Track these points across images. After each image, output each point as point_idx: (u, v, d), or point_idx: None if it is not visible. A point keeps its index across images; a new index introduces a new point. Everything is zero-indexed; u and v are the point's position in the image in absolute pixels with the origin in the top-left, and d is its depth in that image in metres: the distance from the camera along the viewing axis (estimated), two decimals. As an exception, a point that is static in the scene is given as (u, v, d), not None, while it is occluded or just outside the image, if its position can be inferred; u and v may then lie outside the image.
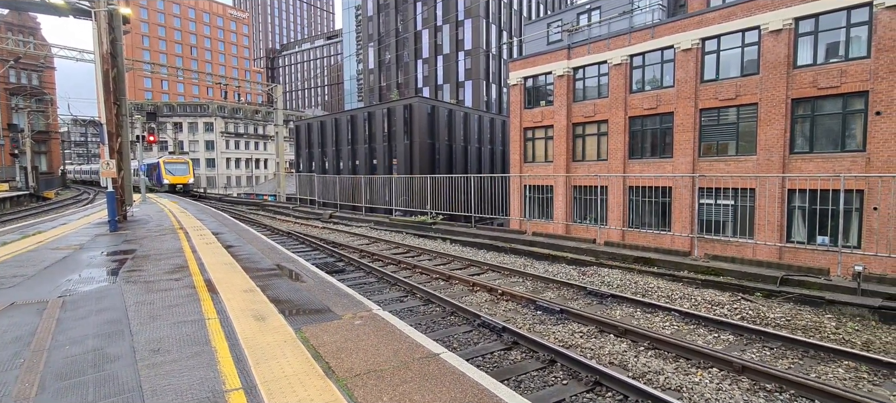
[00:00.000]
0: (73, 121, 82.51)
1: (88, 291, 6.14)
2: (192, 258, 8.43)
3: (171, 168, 38.44)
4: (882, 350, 6.32)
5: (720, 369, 5.58)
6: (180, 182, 37.80)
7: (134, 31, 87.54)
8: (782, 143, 16.36)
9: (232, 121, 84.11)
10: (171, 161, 39.59)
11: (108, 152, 13.20)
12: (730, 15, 17.55)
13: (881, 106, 14.34)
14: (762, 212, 16.25)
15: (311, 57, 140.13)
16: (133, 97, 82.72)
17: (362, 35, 62.01)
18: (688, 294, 8.75)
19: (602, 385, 5.12)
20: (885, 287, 7.77)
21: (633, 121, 20.89)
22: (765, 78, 16.64)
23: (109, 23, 13.65)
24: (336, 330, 4.63)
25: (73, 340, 4.39)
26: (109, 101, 13.20)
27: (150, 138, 33.81)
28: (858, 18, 14.90)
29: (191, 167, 39.86)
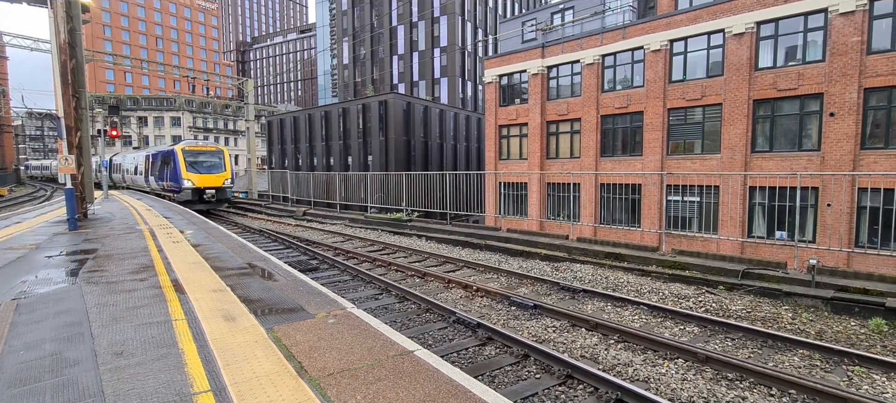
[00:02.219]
0: (28, 114, 78.22)
1: (46, 293, 5.86)
2: (158, 257, 8.15)
3: (196, 159, 22.99)
4: (833, 338, 6.70)
5: (685, 360, 5.80)
6: (211, 185, 22.52)
7: (94, 20, 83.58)
8: (745, 142, 17.05)
9: (200, 116, 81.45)
10: (194, 148, 23.58)
11: (67, 147, 12.59)
12: (696, 18, 18.13)
13: (835, 108, 15.12)
14: (726, 209, 16.91)
15: (284, 51, 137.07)
16: (94, 90, 79.08)
17: (336, 29, 61.07)
18: (656, 288, 9.03)
19: (574, 378, 5.24)
20: (837, 279, 8.23)
21: (604, 119, 21.35)
22: (729, 79, 17.29)
23: (67, 11, 13.00)
24: (309, 330, 4.57)
25: (28, 345, 4.18)
26: (68, 94, 12.58)
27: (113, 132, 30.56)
28: (815, 24, 15.65)
29: (227, 159, 24.07)
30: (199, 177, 22.19)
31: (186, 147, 23.17)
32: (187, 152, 22.76)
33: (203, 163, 22.83)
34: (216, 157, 23.67)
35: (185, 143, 23.55)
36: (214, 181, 22.74)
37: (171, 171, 22.84)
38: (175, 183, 22.34)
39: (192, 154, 22.87)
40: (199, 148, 23.77)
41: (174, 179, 22.46)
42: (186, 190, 21.83)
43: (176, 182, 22.28)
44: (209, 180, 22.56)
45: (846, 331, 6.89)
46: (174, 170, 22.41)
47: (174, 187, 22.46)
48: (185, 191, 21.83)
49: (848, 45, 14.79)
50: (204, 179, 22.38)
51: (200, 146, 24.13)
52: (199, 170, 22.36)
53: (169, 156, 23.54)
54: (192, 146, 23.60)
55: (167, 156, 23.89)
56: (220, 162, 23.55)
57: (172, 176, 22.69)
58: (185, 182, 21.83)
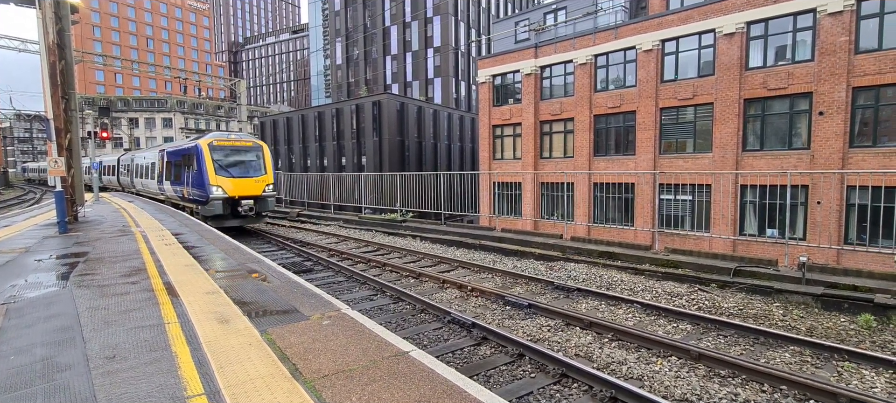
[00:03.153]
0: (16, 116, 77.17)
1: (36, 297, 5.79)
2: (151, 260, 8.08)
3: (227, 158, 16.87)
4: (823, 335, 6.78)
5: (679, 357, 5.84)
6: (248, 192, 16.62)
7: (84, 20, 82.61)
8: (736, 141, 17.21)
9: (192, 117, 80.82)
10: (225, 143, 17.25)
11: (57, 149, 12.44)
12: (687, 18, 18.28)
13: (824, 106, 15.31)
14: (718, 207, 17.06)
15: (276, 51, 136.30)
16: (84, 91, 78.18)
17: (329, 30, 60.83)
18: (649, 286, 9.10)
19: (568, 377, 5.27)
20: (827, 276, 8.33)
21: (597, 119, 21.46)
22: (720, 79, 17.44)
23: (56, 11, 12.85)
24: (303, 331, 4.56)
25: (18, 350, 4.13)
26: (57, 95, 12.43)
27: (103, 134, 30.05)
28: (804, 23, 15.83)
29: (267, 157, 17.89)
30: (232, 183, 15.90)
31: (215, 140, 16.60)
32: (216, 148, 16.31)
33: (237, 163, 16.56)
34: (254, 154, 17.14)
35: (213, 136, 17.06)
36: (252, 187, 16.35)
37: (195, 175, 16.39)
38: (200, 190, 16.04)
39: (223, 151, 16.44)
40: (232, 142, 16.90)
41: (199, 185, 16.07)
42: (215, 201, 15.54)
43: (201, 189, 15.94)
44: (246, 186, 16.19)
45: (836, 327, 6.98)
46: (199, 172, 16.02)
47: (198, 196, 16.19)
48: (214, 203, 15.51)
49: (836, 44, 14.98)
50: (239, 185, 16.04)
51: (234, 139, 17.10)
52: (233, 173, 16.15)
53: (191, 153, 16.89)
54: (222, 139, 16.85)
55: (188, 153, 17.23)
56: (258, 160, 17.15)
57: (196, 181, 16.30)
58: (214, 189, 15.51)
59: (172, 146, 20.67)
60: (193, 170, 16.57)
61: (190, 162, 17.12)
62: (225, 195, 15.70)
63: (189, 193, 17.23)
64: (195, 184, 16.44)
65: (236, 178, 16.15)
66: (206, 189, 15.67)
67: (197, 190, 16.32)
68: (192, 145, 17.02)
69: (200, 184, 15.99)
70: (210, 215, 15.64)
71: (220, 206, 15.59)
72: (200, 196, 16.07)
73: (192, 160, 16.73)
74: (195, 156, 16.42)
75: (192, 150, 16.84)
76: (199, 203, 16.26)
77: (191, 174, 16.92)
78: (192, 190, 16.80)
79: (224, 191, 15.73)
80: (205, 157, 16.00)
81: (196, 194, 16.44)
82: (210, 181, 15.67)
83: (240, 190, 16.07)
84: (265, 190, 16.77)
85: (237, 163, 16.65)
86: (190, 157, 17.13)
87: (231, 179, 16.02)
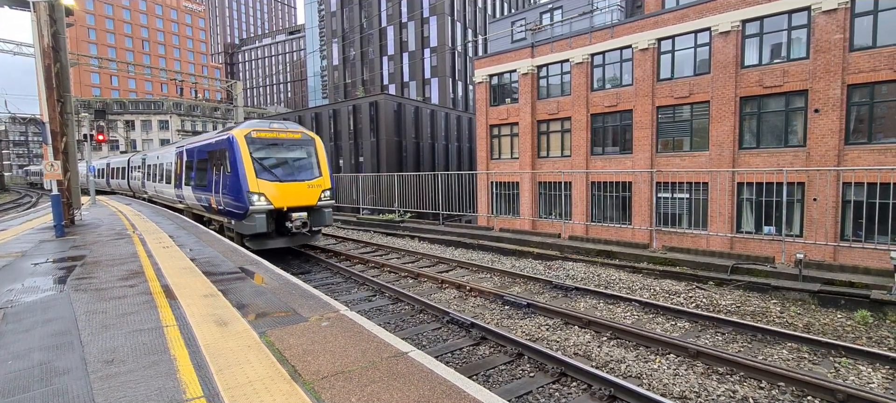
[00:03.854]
0: (11, 119, 76.81)
1: (33, 301, 5.77)
2: (148, 263, 8.05)
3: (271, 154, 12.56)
4: (821, 331, 6.82)
5: (677, 355, 5.86)
6: (301, 201, 12.30)
7: (79, 23, 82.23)
8: (732, 139, 17.27)
9: (189, 119, 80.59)
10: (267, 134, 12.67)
11: (53, 153, 12.39)
12: (683, 16, 18.33)
13: (819, 104, 15.38)
14: (715, 205, 17.12)
15: (273, 52, 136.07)
16: (79, 94, 77.89)
17: (326, 31, 60.78)
18: (647, 284, 9.12)
19: (567, 376, 5.28)
20: (824, 272, 8.37)
21: (594, 118, 21.50)
22: (715, 77, 17.51)
23: (51, 14, 12.80)
24: (302, 333, 4.55)
25: (16, 354, 4.12)
26: (52, 98, 12.38)
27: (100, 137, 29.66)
28: (798, 22, 15.91)
29: (320, 152, 13.37)
30: (278, 189, 11.77)
31: (254, 131, 12.35)
32: (256, 142, 12.18)
33: (284, 162, 12.47)
34: (304, 150, 12.96)
35: (251, 125, 12.73)
36: (305, 195, 12.20)
37: (227, 179, 12.24)
38: (234, 199, 11.86)
39: (265, 145, 12.33)
40: (277, 133, 12.67)
41: (233, 192, 11.90)
42: (257, 214, 11.42)
43: (236, 197, 11.76)
44: (296, 193, 12.07)
45: (833, 324, 7.02)
46: (233, 175, 11.84)
47: (233, 207, 12.04)
48: (255, 217, 11.41)
49: (831, 42, 15.05)
50: (288, 192, 11.92)
51: (278, 130, 12.79)
52: (279, 176, 12.02)
53: (221, 148, 12.71)
54: (263, 130, 12.58)
55: (218, 149, 13.04)
56: (310, 158, 12.94)
57: (229, 186, 12.13)
58: (255, 199, 11.45)
59: (194, 141, 16.03)
60: (225, 171, 12.25)
61: (220, 160, 12.71)
62: (269, 206, 11.46)
63: (219, 202, 12.84)
64: (228, 190, 12.07)
65: (284, 182, 11.82)
66: (244, 197, 11.33)
67: (230, 198, 11.99)
68: (222, 138, 12.74)
69: (235, 191, 11.64)
70: (249, 233, 11.50)
71: (262, 221, 11.33)
72: (235, 207, 11.81)
73: (224, 158, 12.35)
74: (227, 153, 12.09)
75: (222, 145, 12.52)
76: (234, 215, 12.06)
77: (221, 177, 12.56)
78: (223, 198, 12.46)
79: (268, 200, 11.44)
80: (241, 154, 11.64)
81: (229, 204, 12.12)
82: (249, 186, 11.34)
83: (289, 198, 11.79)
84: (321, 198, 12.35)
85: (284, 162, 12.40)
86: (220, 154, 12.71)
87: (277, 184, 11.70)
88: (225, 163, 12.36)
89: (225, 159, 12.36)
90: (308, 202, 12.17)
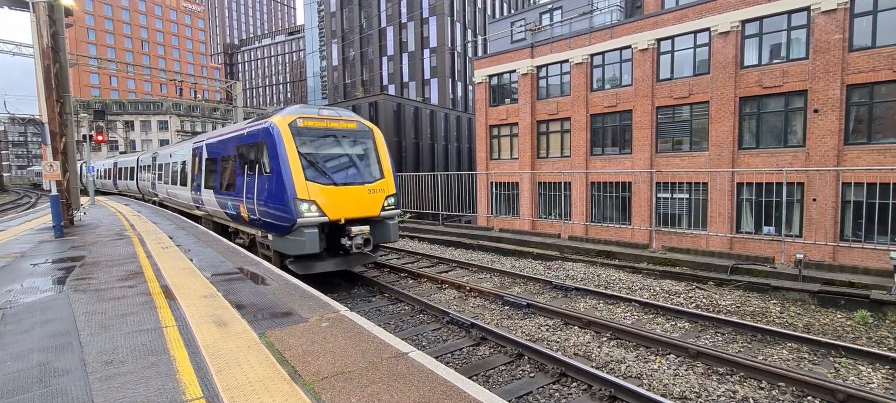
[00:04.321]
0: (10, 120, 76.76)
1: (32, 302, 5.76)
2: (148, 263, 8.04)
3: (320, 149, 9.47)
4: (820, 331, 6.82)
5: (677, 355, 5.86)
6: (361, 212, 9.27)
7: (78, 23, 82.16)
8: (732, 139, 17.28)
9: (188, 120, 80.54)
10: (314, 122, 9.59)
11: (52, 153, 12.37)
12: (683, 16, 18.34)
13: (818, 104, 15.39)
14: (714, 205, 17.13)
15: (272, 53, 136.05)
16: (79, 94, 77.83)
17: (325, 31, 60.79)
18: (647, 285, 9.12)
19: (567, 376, 5.27)
20: (823, 272, 8.37)
21: (594, 118, 21.50)
22: (715, 77, 17.52)
23: (50, 14, 12.78)
24: (302, 333, 4.54)
25: (15, 355, 4.11)
26: (51, 99, 12.36)
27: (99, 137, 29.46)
28: (798, 22, 15.91)
29: (381, 150, 10.21)
30: (333, 196, 9.12)
31: (300, 118, 9.60)
32: (303, 132, 9.47)
33: (339, 159, 9.85)
34: (361, 144, 10.23)
35: (295, 111, 9.83)
36: (366, 203, 9.53)
37: (265, 182, 9.46)
38: (276, 209, 9.11)
39: (314, 136, 9.61)
40: (327, 122, 9.96)
41: (274, 200, 9.16)
42: (307, 228, 8.75)
43: (278, 206, 9.03)
44: (356, 201, 9.41)
45: (833, 324, 7.02)
46: (275, 176, 9.12)
47: (273, 218, 9.25)
48: (305, 233, 8.72)
49: (830, 42, 15.06)
50: (344, 199, 9.27)
51: (327, 117, 10.02)
52: (334, 178, 9.35)
53: (258, 141, 9.88)
54: (311, 117, 9.80)
55: (253, 141, 10.13)
56: (368, 154, 10.19)
57: (269, 190, 9.33)
58: (304, 208, 8.77)
59: (217, 133, 13.05)
60: (262, 170, 9.46)
61: (254, 157, 9.84)
62: (323, 218, 8.73)
63: (252, 212, 9.91)
64: (267, 196, 9.24)
65: (340, 186, 9.13)
66: (289, 206, 8.57)
67: (270, 207, 9.14)
68: (258, 127, 9.84)
69: (277, 198, 8.86)
70: (295, 254, 8.83)
71: (314, 239, 8.56)
72: (277, 218, 8.96)
73: (260, 154, 9.53)
74: (266, 147, 9.28)
75: (258, 137, 9.70)
76: (273, 229, 9.29)
77: (256, 179, 9.71)
78: (259, 206, 9.56)
79: (321, 210, 8.73)
80: (285, 148, 8.88)
81: (268, 214, 9.26)
82: (297, 191, 8.60)
83: (346, 207, 9.07)
84: (385, 206, 9.63)
85: (339, 160, 9.66)
86: (254, 149, 9.85)
87: (331, 188, 8.98)
88: (262, 160, 9.40)
89: (262, 155, 9.40)
90: (369, 212, 9.33)
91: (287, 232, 8.87)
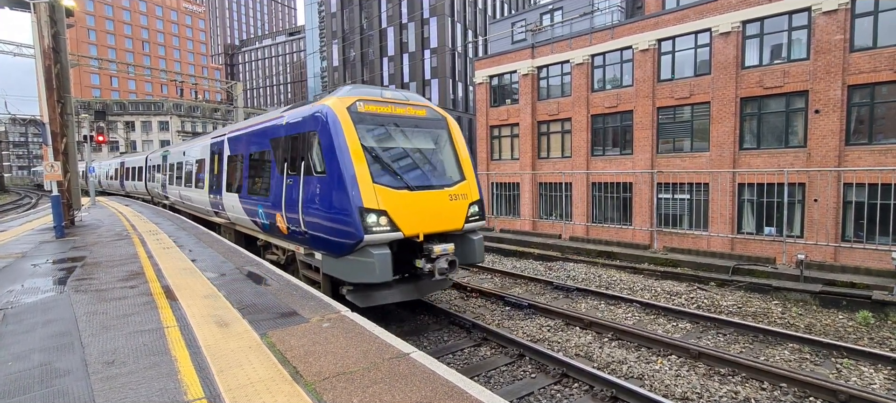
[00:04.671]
0: (11, 120, 76.83)
1: (33, 302, 5.76)
2: (149, 264, 8.04)
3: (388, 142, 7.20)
4: (822, 332, 6.80)
5: (678, 356, 5.85)
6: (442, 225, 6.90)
7: (79, 24, 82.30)
8: (733, 140, 17.27)
9: (189, 120, 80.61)
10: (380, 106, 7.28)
11: (53, 153, 12.38)
12: (684, 17, 18.34)
13: (819, 104, 15.38)
14: (715, 205, 17.11)
15: (273, 53, 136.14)
16: (79, 95, 77.88)
17: (326, 31, 60.83)
18: (648, 285, 9.11)
19: (569, 377, 5.26)
20: (825, 273, 8.36)
21: (595, 118, 21.49)
22: (716, 77, 17.50)
23: (51, 15, 12.79)
24: (303, 334, 4.54)
25: (16, 356, 4.10)
26: (52, 99, 12.37)
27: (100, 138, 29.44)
28: (799, 22, 15.90)
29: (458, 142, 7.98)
30: (409, 203, 6.70)
31: (361, 101, 7.23)
32: (365, 119, 7.10)
33: (410, 156, 7.46)
34: (434, 135, 8.00)
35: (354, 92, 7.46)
36: (447, 213, 7.16)
37: (321, 186, 6.87)
38: (334, 220, 6.58)
39: (375, 123, 7.25)
40: (392, 108, 7.55)
41: (331, 208, 6.62)
42: (375, 247, 6.32)
43: (337, 217, 6.52)
44: (435, 210, 6.99)
45: (834, 324, 7.01)
46: (332, 176, 6.64)
47: (329, 232, 6.70)
48: (373, 254, 6.24)
49: (831, 42, 15.05)
50: (422, 208, 6.84)
51: (391, 100, 7.64)
52: (408, 180, 6.92)
53: (306, 131, 7.41)
54: (373, 98, 7.41)
55: (299, 132, 7.66)
56: (444, 149, 8.03)
57: (322, 197, 6.86)
58: (372, 220, 6.33)
59: (244, 125, 10.69)
60: (311, 169, 7.16)
61: (299, 152, 7.57)
62: (397, 234, 6.55)
63: (294, 222, 7.58)
64: (319, 204, 6.95)
65: (415, 191, 6.87)
66: (353, 219, 6.34)
67: (324, 218, 6.83)
68: (306, 113, 7.54)
69: (336, 208, 6.60)
70: (359, 281, 6.58)
71: (385, 263, 6.33)
72: (334, 233, 6.66)
73: (308, 148, 7.27)
74: (317, 139, 7.04)
75: (306, 125, 7.44)
76: (328, 247, 6.93)
77: (300, 181, 7.41)
78: (306, 216, 7.23)
79: (393, 222, 6.54)
80: (345, 139, 6.70)
81: (320, 227, 6.94)
82: (362, 199, 6.40)
83: (424, 219, 6.84)
84: (469, 217, 7.54)
85: (409, 157, 7.45)
86: (300, 142, 7.58)
87: (405, 194, 6.74)
88: (309, 156, 7.12)
89: (309, 150, 7.12)
90: (451, 224, 7.09)
91: (347, 252, 6.45)
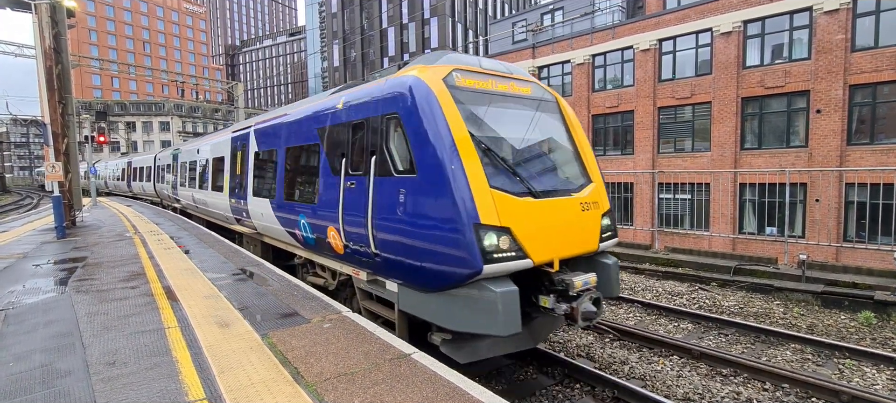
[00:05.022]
0: (12, 121, 76.94)
1: (34, 303, 5.76)
2: (150, 264, 8.04)
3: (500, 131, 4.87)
4: (824, 332, 6.79)
5: (680, 356, 5.84)
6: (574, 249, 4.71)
7: (80, 24, 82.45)
8: (734, 140, 17.24)
9: (190, 121, 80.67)
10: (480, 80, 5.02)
11: (54, 154, 12.39)
12: (685, 17, 18.32)
13: (821, 104, 15.35)
14: (717, 205, 17.08)
15: (274, 54, 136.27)
16: (80, 95, 77.96)
17: (326, 32, 60.87)
18: (650, 285, 9.10)
19: (571, 377, 5.25)
20: (827, 273, 8.34)
21: (595, 119, 21.48)
22: (717, 77, 17.48)
23: (52, 15, 12.81)
24: (304, 334, 4.53)
25: (17, 356, 4.10)
26: (54, 100, 12.39)
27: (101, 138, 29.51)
28: (800, 22, 15.88)
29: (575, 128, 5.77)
30: (532, 215, 4.44)
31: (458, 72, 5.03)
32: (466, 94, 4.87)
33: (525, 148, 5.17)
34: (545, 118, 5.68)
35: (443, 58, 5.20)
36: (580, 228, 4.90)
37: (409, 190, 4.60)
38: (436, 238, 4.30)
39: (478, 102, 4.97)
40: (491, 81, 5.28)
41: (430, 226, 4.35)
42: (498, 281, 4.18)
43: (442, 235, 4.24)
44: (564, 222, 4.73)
45: (837, 325, 6.99)
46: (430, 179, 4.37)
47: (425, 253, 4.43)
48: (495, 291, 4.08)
49: (833, 42, 15.02)
50: (549, 222, 4.57)
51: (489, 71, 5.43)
52: (533, 185, 4.65)
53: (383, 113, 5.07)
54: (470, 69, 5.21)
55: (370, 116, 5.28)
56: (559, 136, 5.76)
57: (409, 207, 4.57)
58: (492, 241, 4.13)
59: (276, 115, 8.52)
60: (389, 168, 4.96)
61: (371, 143, 5.30)
62: (525, 262, 4.36)
63: (359, 241, 5.40)
64: (405, 215, 4.66)
65: (541, 199, 4.68)
66: (465, 240, 4.12)
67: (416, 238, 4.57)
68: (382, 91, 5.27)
69: (434, 223, 4.37)
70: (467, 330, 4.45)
71: (512, 304, 4.18)
72: (432, 258, 4.42)
73: (386, 137, 5.08)
74: (402, 124, 4.85)
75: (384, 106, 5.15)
76: (418, 278, 4.75)
77: (370, 183, 5.18)
78: (380, 233, 5.02)
79: (518, 243, 4.33)
80: (447, 125, 4.48)
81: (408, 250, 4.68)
82: (477, 212, 4.17)
83: (557, 240, 4.68)
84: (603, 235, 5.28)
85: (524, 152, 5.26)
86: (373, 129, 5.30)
87: (529, 203, 4.55)
88: (388, 147, 5.05)
89: (388, 139, 5.07)
90: (586, 246, 5.07)
91: (450, 285, 4.45)
